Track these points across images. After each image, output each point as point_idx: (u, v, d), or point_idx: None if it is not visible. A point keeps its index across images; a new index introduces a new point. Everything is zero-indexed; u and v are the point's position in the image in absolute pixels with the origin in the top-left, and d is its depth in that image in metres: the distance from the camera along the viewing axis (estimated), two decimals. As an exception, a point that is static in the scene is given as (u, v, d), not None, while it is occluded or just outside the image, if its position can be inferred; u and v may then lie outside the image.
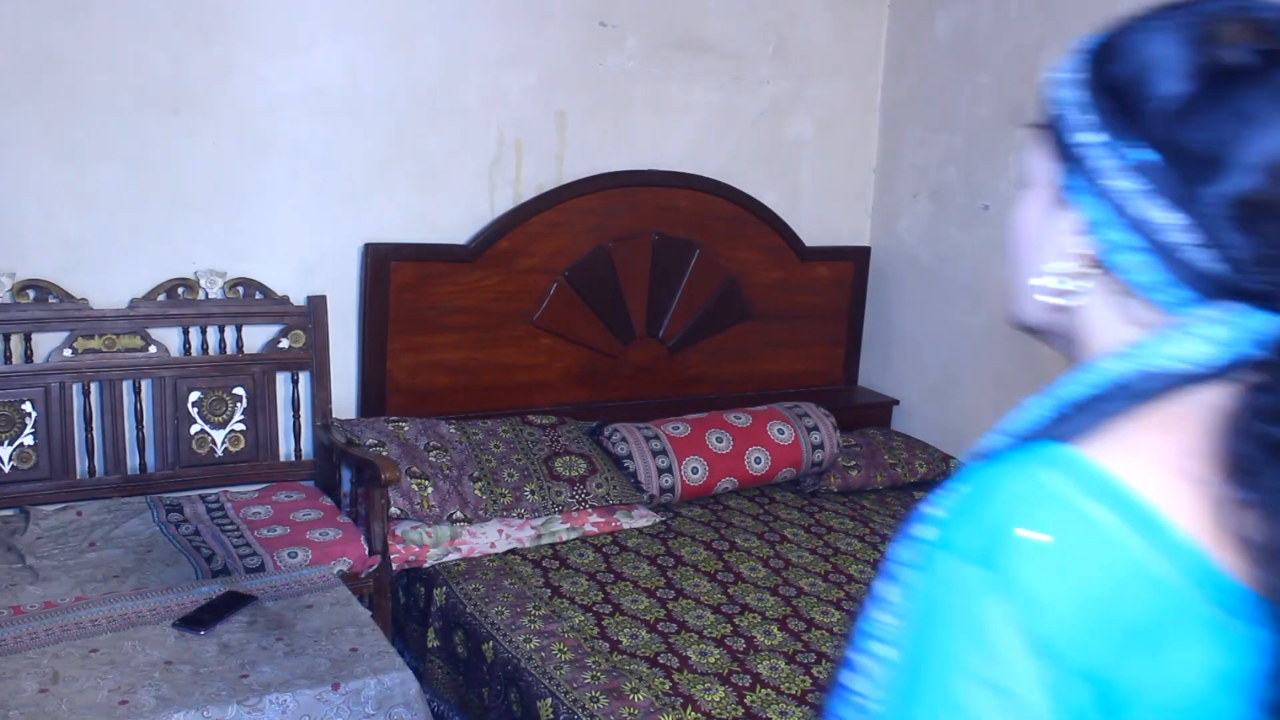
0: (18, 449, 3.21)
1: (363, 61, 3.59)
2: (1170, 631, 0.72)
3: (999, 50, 4.07)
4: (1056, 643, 0.71)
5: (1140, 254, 0.79)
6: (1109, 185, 0.80)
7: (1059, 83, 0.87)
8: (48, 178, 3.24)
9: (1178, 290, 0.78)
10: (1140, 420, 0.76)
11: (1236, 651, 0.72)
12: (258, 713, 2.20)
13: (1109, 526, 0.72)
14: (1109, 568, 0.71)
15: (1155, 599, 0.71)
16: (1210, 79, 0.76)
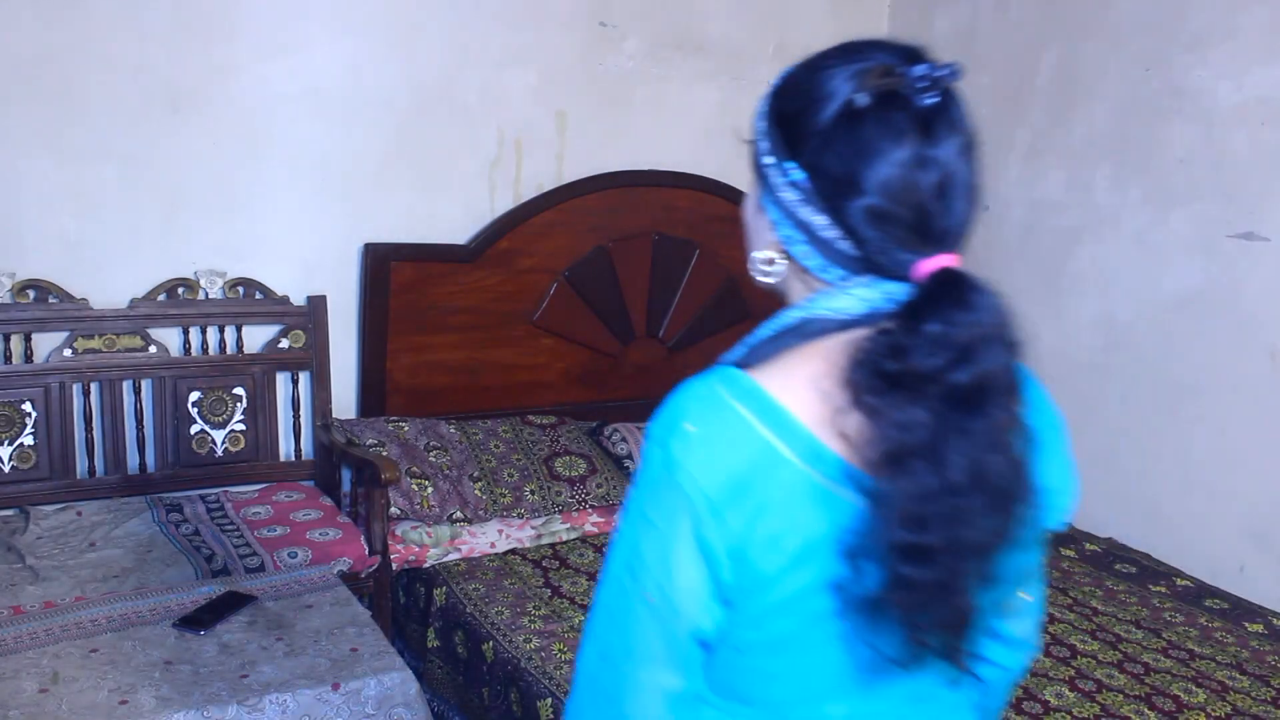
0: (18, 449, 3.21)
1: (363, 61, 3.59)
2: (789, 497, 1.00)
3: (999, 51, 4.07)
4: (701, 506, 1.00)
5: (804, 245, 1.07)
6: (780, 196, 1.07)
7: (757, 112, 1.12)
8: (48, 178, 3.23)
9: (834, 269, 1.06)
10: (799, 352, 1.06)
11: (836, 510, 1.01)
12: (258, 713, 2.20)
13: (746, 421, 1.01)
14: (743, 452, 1.01)
15: (779, 474, 1.00)
16: (845, 117, 1.02)
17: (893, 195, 1.01)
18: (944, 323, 0.99)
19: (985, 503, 0.99)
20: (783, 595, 1.03)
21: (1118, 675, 2.70)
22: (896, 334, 1.00)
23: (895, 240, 1.02)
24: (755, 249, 1.15)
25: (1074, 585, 3.24)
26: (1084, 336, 3.79)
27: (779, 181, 1.07)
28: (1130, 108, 3.60)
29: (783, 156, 1.07)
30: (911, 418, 0.97)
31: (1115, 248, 3.68)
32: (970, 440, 0.99)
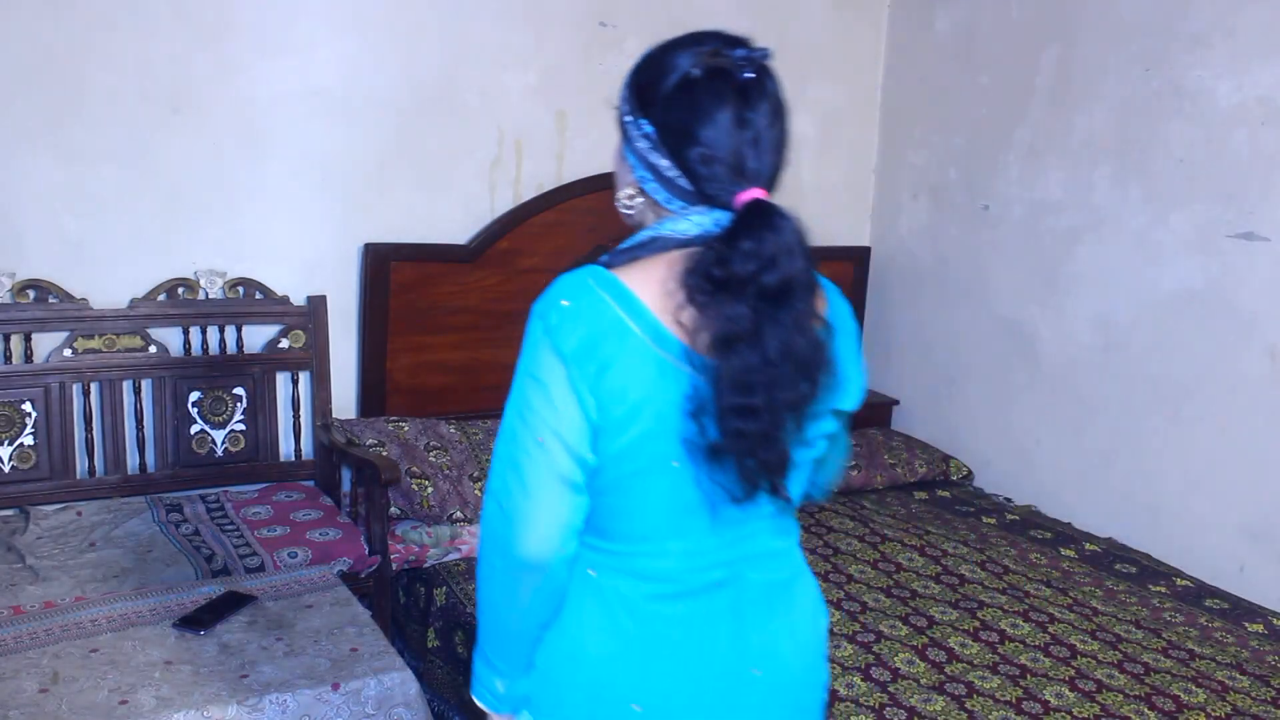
0: (18, 449, 3.21)
1: (363, 61, 3.59)
2: (634, 359, 1.32)
3: (999, 50, 4.07)
4: (570, 360, 1.32)
5: (654, 183, 1.41)
6: (636, 146, 1.41)
7: (623, 83, 1.46)
8: (48, 177, 3.23)
9: (676, 201, 1.40)
10: (650, 260, 1.38)
11: (675, 379, 1.33)
12: (258, 713, 2.20)
13: (606, 301, 1.33)
14: (601, 322, 1.32)
15: (627, 341, 1.32)
16: (683, 86, 1.37)
17: (718, 145, 1.35)
18: (755, 240, 1.31)
19: (794, 372, 1.31)
20: (629, 439, 1.33)
21: (1118, 675, 2.70)
22: (721, 248, 1.32)
23: (720, 178, 1.36)
24: (619, 189, 1.50)
25: (1074, 585, 3.24)
26: (1084, 336, 3.80)
27: (635, 134, 1.42)
28: (1130, 107, 3.60)
29: (638, 115, 1.42)
30: (735, 311, 1.29)
31: (1115, 248, 3.68)
32: (780, 326, 1.30)
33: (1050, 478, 3.95)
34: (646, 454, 1.35)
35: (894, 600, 3.08)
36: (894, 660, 2.72)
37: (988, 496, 4.06)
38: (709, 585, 1.42)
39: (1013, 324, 4.06)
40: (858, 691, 2.56)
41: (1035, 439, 4.00)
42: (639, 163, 1.42)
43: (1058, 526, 3.74)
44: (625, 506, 1.38)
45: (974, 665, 2.72)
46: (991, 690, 2.60)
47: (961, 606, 3.05)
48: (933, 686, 2.60)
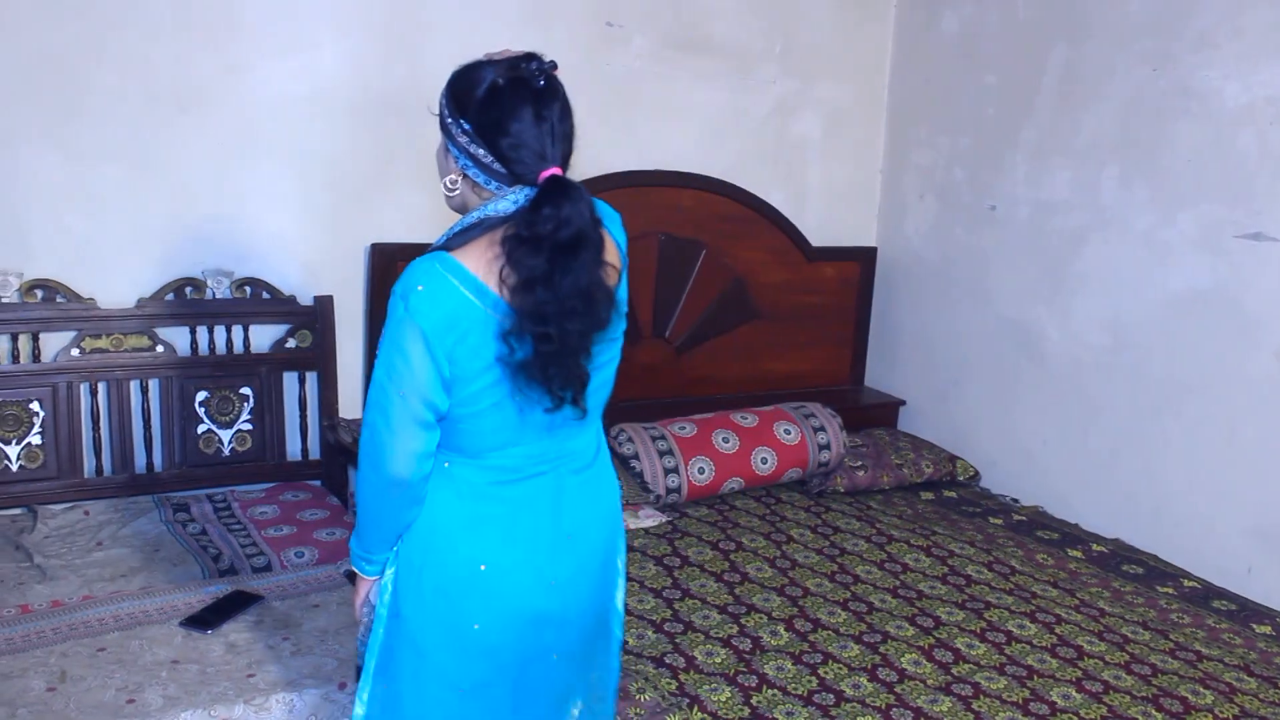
0: (25, 448, 3.22)
1: (369, 61, 3.59)
2: (476, 328, 1.69)
3: (1006, 50, 4.06)
4: (428, 333, 1.67)
5: (475, 169, 1.76)
6: (459, 140, 1.76)
7: (442, 93, 1.80)
8: (55, 177, 3.24)
9: (493, 183, 1.76)
10: (480, 239, 1.72)
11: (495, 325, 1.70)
12: (265, 712, 2.21)
13: (452, 283, 1.68)
14: (450, 301, 1.68)
15: (471, 314, 1.68)
16: (492, 92, 1.72)
17: (523, 135, 1.72)
18: (553, 206, 1.68)
19: (582, 306, 1.68)
20: (480, 384, 1.73)
21: (1125, 676, 2.70)
22: (527, 214, 1.69)
23: (526, 161, 1.72)
24: (442, 177, 1.84)
25: (1081, 586, 3.24)
26: (1090, 336, 3.79)
27: (456, 131, 1.76)
28: (1137, 107, 3.60)
29: (457, 116, 1.76)
30: (534, 262, 1.66)
31: (1122, 248, 3.68)
32: (571, 272, 1.67)
33: (1057, 478, 3.94)
34: (492, 393, 1.75)
35: (900, 601, 3.08)
36: (900, 661, 2.72)
37: (994, 497, 4.05)
38: (535, 474, 1.85)
39: (1019, 324, 4.06)
40: (864, 692, 2.56)
41: (1042, 439, 4.00)
42: (461, 154, 1.78)
43: (1064, 527, 3.74)
44: (479, 428, 1.78)
45: (981, 666, 2.72)
46: (998, 691, 2.59)
47: (968, 607, 3.05)
48: (939, 687, 2.60)
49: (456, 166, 1.80)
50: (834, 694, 2.55)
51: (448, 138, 1.79)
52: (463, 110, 1.76)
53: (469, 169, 1.78)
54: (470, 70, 1.78)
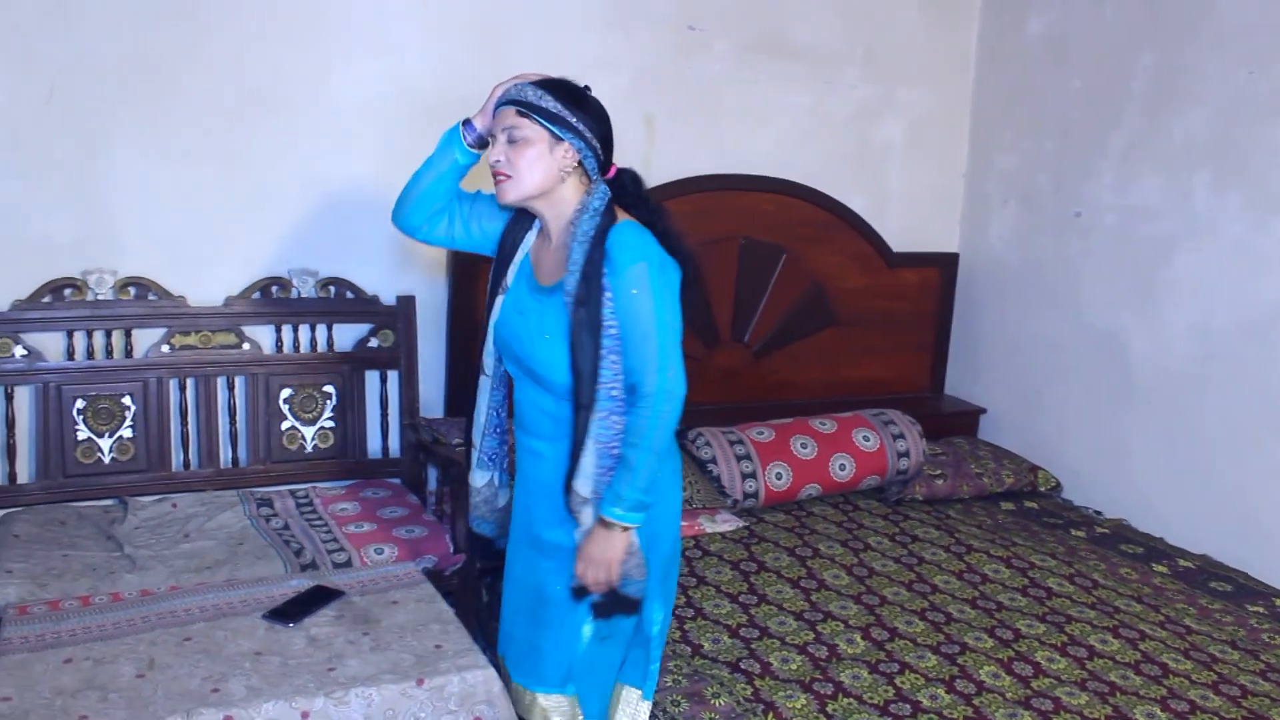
0: (117, 441, 3.31)
1: (453, 63, 3.63)
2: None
3: (1092, 53, 3.99)
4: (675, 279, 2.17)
5: (591, 158, 2.15)
6: (582, 132, 2.12)
7: (537, 95, 2.14)
8: (149, 177, 3.33)
9: (596, 171, 2.16)
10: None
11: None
12: (344, 706, 2.24)
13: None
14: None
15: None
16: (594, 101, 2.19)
17: (609, 140, 2.19)
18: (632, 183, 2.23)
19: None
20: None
21: (1213, 697, 2.63)
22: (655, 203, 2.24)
23: (609, 156, 2.19)
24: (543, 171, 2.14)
25: (1166, 602, 3.16)
26: (1179, 346, 3.70)
27: (580, 124, 2.12)
28: (1232, 111, 3.51)
29: (580, 113, 2.13)
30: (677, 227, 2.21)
31: (1213, 255, 3.59)
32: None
33: (1142, 491, 3.86)
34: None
35: (979, 612, 3.03)
36: (979, 673, 2.68)
37: (1076, 509, 3.98)
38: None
39: (1105, 333, 3.98)
40: (941, 703, 2.53)
41: (1127, 451, 3.92)
42: (584, 145, 2.13)
43: (1149, 541, 3.66)
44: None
45: (1061, 680, 2.67)
46: (1079, 707, 2.54)
47: (1049, 620, 2.99)
48: (1019, 701, 2.56)
49: (573, 153, 2.13)
50: (910, 704, 2.52)
51: (566, 129, 2.11)
52: (582, 108, 2.12)
53: (586, 158, 2.14)
54: (567, 81, 2.17)
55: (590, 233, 2.11)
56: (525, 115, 2.14)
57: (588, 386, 2.12)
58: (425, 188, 2.41)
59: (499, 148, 2.19)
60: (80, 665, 2.29)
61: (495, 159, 2.19)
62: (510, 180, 2.16)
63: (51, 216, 3.25)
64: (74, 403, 3.26)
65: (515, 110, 2.16)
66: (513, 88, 2.19)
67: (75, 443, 3.27)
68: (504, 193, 2.19)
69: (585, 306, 2.10)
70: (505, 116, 2.19)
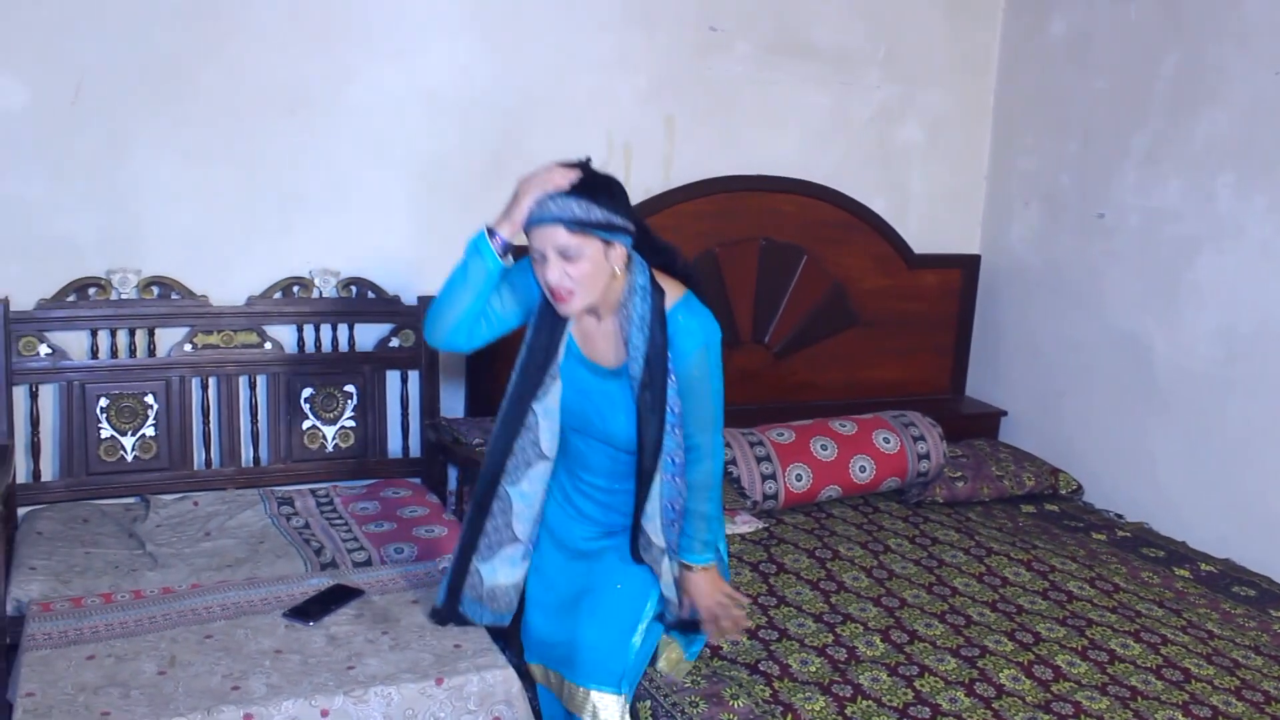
0: (140, 439, 3.33)
1: (474, 65, 3.64)
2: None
3: (1116, 54, 3.97)
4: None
5: (636, 252, 2.24)
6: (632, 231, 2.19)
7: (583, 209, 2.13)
8: (172, 178, 3.35)
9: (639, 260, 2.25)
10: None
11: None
12: (363, 704, 2.25)
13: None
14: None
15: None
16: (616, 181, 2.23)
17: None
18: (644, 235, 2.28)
19: None
20: None
21: (1235, 702, 2.61)
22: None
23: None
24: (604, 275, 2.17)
25: (1188, 606, 3.14)
26: (1203, 349, 3.68)
27: (625, 224, 2.17)
28: (1257, 112, 3.48)
29: (627, 215, 2.18)
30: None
31: (1237, 257, 3.56)
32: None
33: (1164, 495, 3.83)
34: None
35: (999, 615, 3.02)
36: (999, 676, 2.67)
37: (1097, 512, 3.95)
38: None
39: (1128, 335, 3.95)
40: (961, 706, 2.52)
41: (1149, 454, 3.89)
42: (629, 238, 2.20)
43: (1171, 545, 3.63)
44: None
45: (1082, 685, 2.66)
46: (1100, 711, 2.53)
47: (1069, 624, 2.98)
48: (1038, 705, 2.55)
49: (623, 250, 2.18)
50: (930, 707, 2.51)
51: (615, 232, 2.15)
52: (618, 201, 2.17)
53: (634, 253, 2.24)
54: (594, 174, 2.19)
55: (646, 315, 2.21)
56: (577, 232, 2.12)
57: (652, 456, 2.27)
58: (465, 307, 2.36)
59: (554, 268, 2.14)
60: (102, 662, 2.31)
61: (553, 279, 2.15)
62: (575, 295, 2.16)
63: (76, 216, 3.27)
64: (97, 401, 3.28)
65: (565, 229, 2.12)
66: (551, 205, 2.14)
67: (98, 441, 3.29)
68: (570, 307, 2.19)
69: (650, 390, 2.23)
70: (553, 235, 2.13)
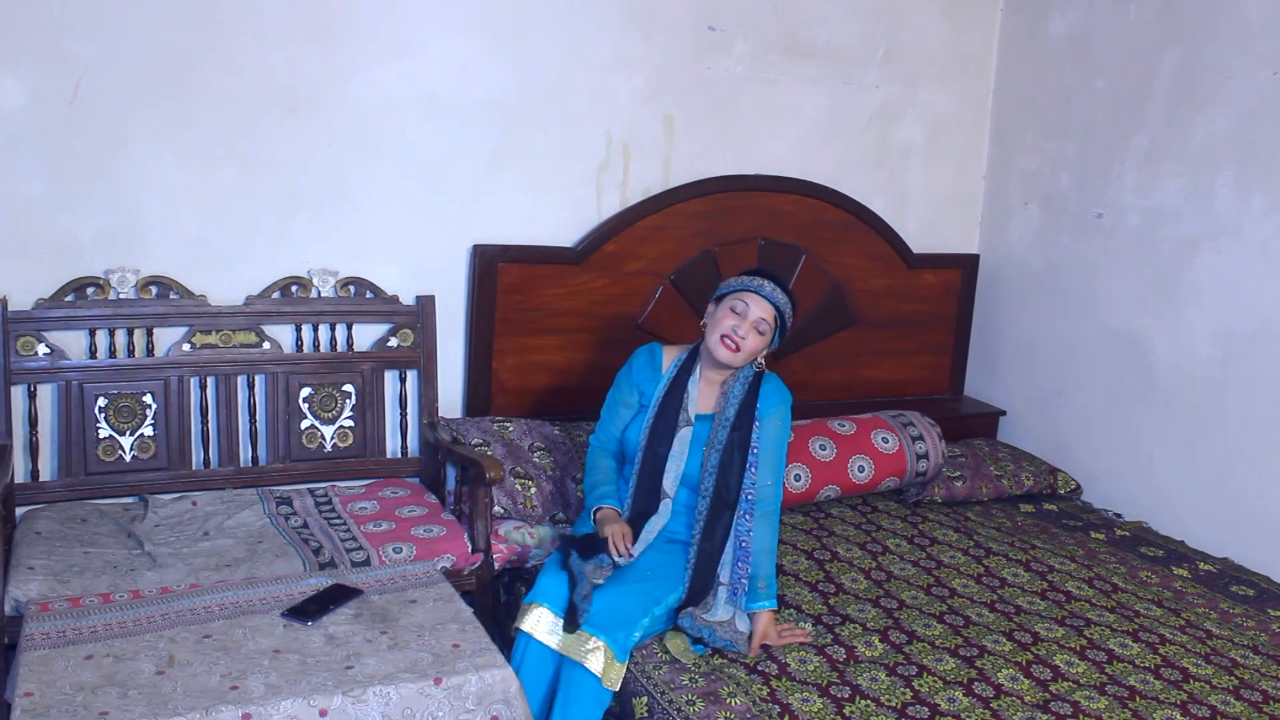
0: (138, 439, 3.33)
1: (474, 64, 3.64)
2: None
3: (1114, 53, 3.97)
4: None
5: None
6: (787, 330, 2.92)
7: (789, 308, 2.89)
8: (170, 177, 3.34)
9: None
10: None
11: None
12: (362, 704, 2.24)
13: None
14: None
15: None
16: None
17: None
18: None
19: None
20: None
21: (1234, 702, 2.61)
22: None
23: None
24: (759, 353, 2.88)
25: (1187, 606, 3.14)
26: (1201, 349, 3.68)
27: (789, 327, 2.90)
28: (1256, 112, 3.48)
29: (792, 322, 2.88)
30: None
31: (1236, 258, 3.56)
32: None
33: (1163, 494, 3.84)
34: None
35: (998, 615, 3.02)
36: (997, 676, 2.67)
37: (1096, 511, 3.96)
38: None
39: (1126, 335, 3.96)
40: (959, 706, 2.52)
41: (1147, 454, 3.89)
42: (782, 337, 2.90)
43: (1170, 544, 3.63)
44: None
45: (1080, 684, 2.66)
46: (1099, 711, 2.53)
47: (1068, 624, 2.98)
48: (1037, 704, 2.55)
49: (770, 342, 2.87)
50: (928, 707, 2.51)
51: (784, 332, 2.89)
52: (796, 313, 2.96)
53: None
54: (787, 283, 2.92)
55: (749, 377, 2.90)
56: (774, 319, 2.84)
57: (735, 490, 2.82)
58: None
59: (744, 323, 2.82)
60: (100, 662, 2.31)
61: (734, 329, 2.81)
62: (738, 353, 2.81)
63: (74, 215, 3.27)
64: (96, 401, 3.28)
65: (773, 310, 2.83)
66: (768, 285, 2.84)
67: (97, 441, 3.29)
68: (730, 359, 2.83)
69: (739, 431, 2.83)
70: (764, 308, 2.82)
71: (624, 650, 2.61)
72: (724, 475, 2.82)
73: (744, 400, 2.86)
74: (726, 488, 2.82)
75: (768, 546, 2.84)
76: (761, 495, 2.85)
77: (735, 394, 2.87)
